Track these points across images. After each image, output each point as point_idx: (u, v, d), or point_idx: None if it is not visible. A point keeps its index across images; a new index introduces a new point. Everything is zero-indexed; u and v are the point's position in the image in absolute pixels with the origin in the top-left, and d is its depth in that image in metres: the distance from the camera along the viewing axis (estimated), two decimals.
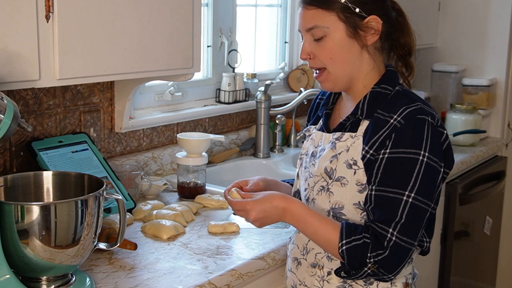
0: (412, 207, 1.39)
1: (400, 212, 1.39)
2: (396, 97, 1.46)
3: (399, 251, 1.39)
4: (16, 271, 1.34)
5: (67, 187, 1.50)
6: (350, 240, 1.41)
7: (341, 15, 1.45)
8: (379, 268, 1.40)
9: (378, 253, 1.39)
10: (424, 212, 1.41)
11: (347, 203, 1.47)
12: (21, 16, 1.44)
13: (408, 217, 1.39)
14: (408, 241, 1.39)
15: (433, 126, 1.41)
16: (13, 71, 1.44)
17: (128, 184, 1.98)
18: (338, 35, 1.46)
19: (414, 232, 1.41)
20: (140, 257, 1.61)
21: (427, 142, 1.39)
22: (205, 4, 2.48)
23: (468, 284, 3.06)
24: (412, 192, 1.38)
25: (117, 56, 1.67)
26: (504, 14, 3.19)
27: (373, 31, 1.47)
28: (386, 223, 1.39)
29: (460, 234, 2.84)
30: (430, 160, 1.39)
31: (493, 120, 3.30)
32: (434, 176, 1.41)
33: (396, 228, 1.39)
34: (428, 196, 1.41)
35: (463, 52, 3.33)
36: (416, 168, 1.39)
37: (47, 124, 1.91)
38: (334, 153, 1.50)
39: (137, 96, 2.23)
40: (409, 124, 1.40)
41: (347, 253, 1.42)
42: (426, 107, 1.44)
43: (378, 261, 1.39)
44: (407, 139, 1.40)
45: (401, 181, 1.39)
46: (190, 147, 2.09)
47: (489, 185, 3.03)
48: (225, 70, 2.58)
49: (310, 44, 1.50)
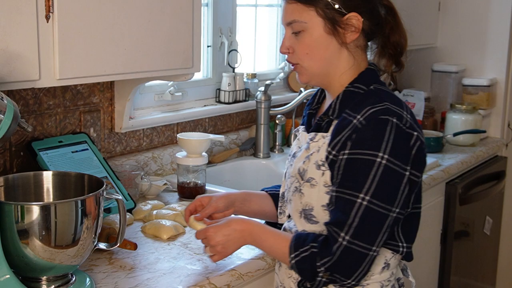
0: (367, 210, 1.34)
1: (353, 214, 1.34)
2: (366, 97, 1.42)
3: (350, 254, 1.35)
4: (16, 271, 1.34)
5: (67, 187, 1.50)
6: (298, 253, 1.40)
7: (320, 11, 1.42)
8: (333, 274, 1.37)
9: (326, 260, 1.36)
10: (382, 216, 1.35)
11: (316, 204, 1.45)
12: (21, 16, 1.44)
13: (361, 220, 1.34)
14: (361, 244, 1.35)
15: (398, 128, 1.36)
16: (13, 71, 1.44)
17: (128, 184, 1.98)
18: (316, 31, 1.43)
19: (369, 237, 1.35)
20: (140, 257, 1.61)
21: (388, 144, 1.34)
22: (205, 4, 2.48)
23: (468, 284, 3.05)
24: (367, 195, 1.34)
25: (117, 56, 1.67)
26: (504, 14, 3.18)
27: (353, 28, 1.43)
28: (339, 225, 1.36)
29: (460, 234, 2.84)
30: (390, 162, 1.34)
31: (493, 120, 3.29)
32: (394, 179, 1.36)
33: (349, 231, 1.35)
34: (387, 200, 1.35)
35: (463, 52, 3.32)
36: (372, 170, 1.34)
37: (47, 124, 1.91)
38: (307, 153, 1.48)
39: (137, 96, 2.23)
40: (369, 124, 1.36)
41: (297, 266, 1.40)
42: (394, 107, 1.39)
43: (329, 267, 1.36)
44: (366, 140, 1.35)
45: (357, 183, 1.35)
46: (190, 147, 2.09)
47: (489, 185, 3.03)
48: (225, 70, 2.58)
49: (289, 39, 1.48)
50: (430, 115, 3.22)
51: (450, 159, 2.80)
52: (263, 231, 1.48)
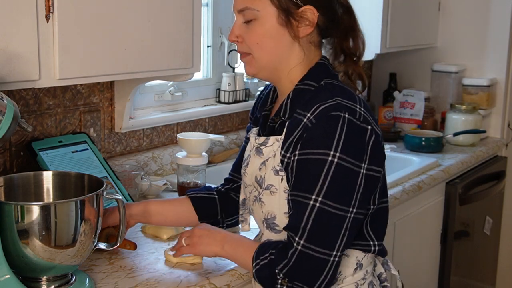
0: (320, 212, 1.27)
1: (306, 217, 1.28)
2: (316, 94, 1.35)
3: (307, 261, 1.29)
4: (16, 271, 1.34)
5: (67, 187, 1.50)
6: (259, 261, 1.35)
7: (274, 0, 1.36)
8: (293, 282, 1.30)
9: (283, 266, 1.31)
10: (338, 218, 1.28)
11: (278, 212, 1.40)
12: (21, 16, 1.44)
13: (314, 223, 1.27)
14: (318, 250, 1.28)
15: (350, 123, 1.28)
16: (13, 71, 1.44)
17: (128, 184, 1.98)
18: (269, 21, 1.37)
19: (326, 241, 1.28)
20: (140, 257, 1.61)
21: (340, 141, 1.27)
22: (205, 4, 2.48)
23: (468, 284, 3.05)
24: (319, 196, 1.27)
25: (117, 56, 1.67)
26: (504, 14, 3.18)
27: (308, 22, 1.37)
28: (294, 229, 1.30)
29: (460, 234, 2.84)
30: (342, 160, 1.27)
31: (493, 120, 3.29)
32: (348, 178, 1.28)
33: (303, 236, 1.28)
34: (341, 201, 1.28)
35: (463, 52, 3.32)
36: (324, 169, 1.27)
37: (47, 124, 1.91)
38: (262, 159, 1.42)
39: (137, 96, 2.23)
40: (319, 122, 1.29)
41: (257, 275, 1.36)
42: (345, 102, 1.30)
43: (286, 273, 1.30)
44: (316, 138, 1.29)
45: (308, 184, 1.28)
46: (190, 147, 2.09)
47: (489, 185, 3.03)
48: (225, 70, 2.58)
49: (240, 27, 1.42)
50: (430, 115, 3.22)
51: (450, 159, 2.80)
52: (237, 240, 1.45)
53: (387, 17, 2.80)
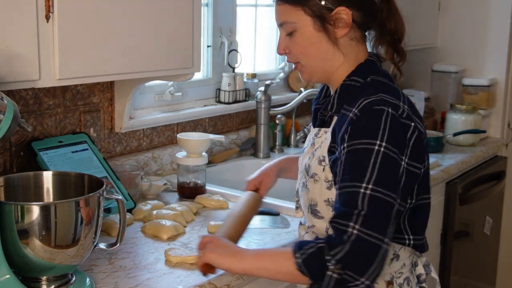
0: (372, 198, 1.28)
1: (360, 204, 1.28)
2: (362, 89, 1.40)
3: (363, 245, 1.27)
4: (16, 271, 1.34)
5: (67, 187, 1.50)
6: (303, 251, 1.31)
7: (307, 10, 1.41)
8: (344, 270, 1.27)
9: (338, 251, 1.27)
10: (388, 205, 1.30)
11: (319, 200, 1.44)
12: (21, 16, 1.44)
13: (369, 208, 1.28)
14: (373, 235, 1.27)
15: (393, 117, 1.32)
16: (13, 71, 1.44)
17: (128, 184, 1.98)
18: (306, 30, 1.42)
19: (379, 226, 1.29)
20: (140, 257, 1.61)
21: (384, 132, 1.30)
22: (205, 4, 2.48)
23: (468, 284, 3.05)
24: (370, 183, 1.29)
25: (117, 56, 1.67)
26: (504, 14, 3.18)
27: (343, 22, 1.41)
28: (346, 217, 1.29)
29: (460, 234, 2.84)
30: (388, 150, 1.30)
31: (493, 120, 3.29)
32: (394, 167, 1.31)
33: (358, 220, 1.28)
34: (390, 188, 1.30)
35: (463, 52, 3.32)
36: (372, 158, 1.29)
37: (47, 124, 1.91)
38: (313, 149, 1.49)
39: (137, 96, 2.23)
40: (364, 115, 1.33)
41: (304, 263, 1.30)
42: (389, 98, 1.35)
43: (340, 259, 1.27)
44: (361, 130, 1.32)
45: (357, 173, 1.30)
46: (190, 147, 2.09)
47: (489, 185, 3.03)
48: (225, 70, 2.58)
49: (284, 40, 1.47)
50: (430, 115, 3.22)
51: (450, 159, 2.80)
52: (260, 250, 1.47)
53: None
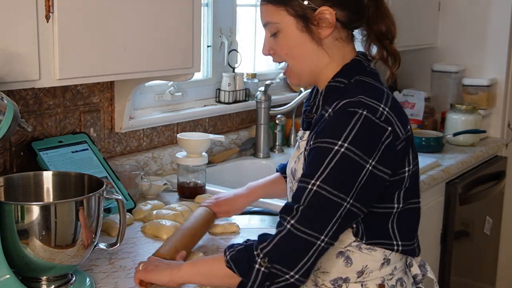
0: (316, 195, 1.28)
1: (303, 200, 1.28)
2: (346, 90, 1.37)
3: (292, 240, 1.27)
4: (16, 271, 1.34)
5: (67, 187, 1.50)
6: (233, 249, 1.34)
7: (290, 10, 1.38)
8: (272, 263, 1.27)
9: (266, 244, 1.29)
10: (333, 204, 1.27)
11: None
12: (21, 16, 1.44)
13: (309, 205, 1.28)
14: (306, 231, 1.27)
15: (367, 119, 1.29)
16: (13, 71, 1.44)
17: (128, 184, 1.98)
18: (290, 30, 1.40)
19: (316, 223, 1.28)
20: (140, 257, 1.60)
21: (350, 133, 1.28)
22: (205, 4, 2.48)
23: (468, 284, 3.05)
24: (318, 181, 1.28)
25: (117, 56, 1.67)
26: (504, 14, 3.18)
27: (327, 22, 1.38)
28: (288, 211, 1.30)
29: (460, 234, 2.84)
30: (349, 151, 1.27)
31: (493, 120, 3.29)
32: (352, 169, 1.28)
33: (295, 215, 1.28)
34: (340, 188, 1.27)
35: (463, 52, 3.32)
36: (328, 157, 1.28)
37: (47, 124, 1.91)
38: (298, 153, 1.48)
39: (137, 96, 2.23)
40: (335, 115, 1.31)
41: (232, 259, 1.32)
42: (368, 100, 1.31)
43: (267, 252, 1.28)
44: (328, 129, 1.31)
45: (311, 170, 1.30)
46: (190, 147, 2.09)
47: (489, 185, 3.03)
48: (225, 70, 2.58)
49: (269, 40, 1.45)
50: (430, 115, 3.22)
51: (450, 159, 2.80)
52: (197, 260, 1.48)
53: None
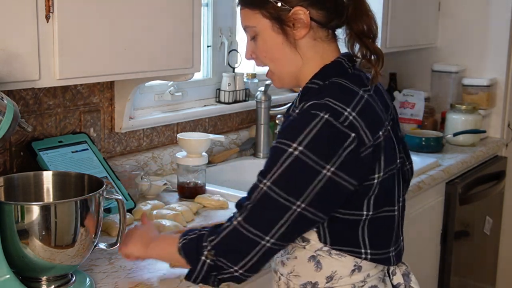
0: (265, 195, 1.28)
1: (253, 198, 1.30)
2: (319, 92, 1.34)
3: (237, 237, 1.31)
4: (16, 271, 1.34)
5: (67, 187, 1.50)
6: (186, 237, 1.39)
7: (265, 12, 1.37)
8: (217, 257, 1.32)
9: (214, 237, 1.33)
10: (281, 207, 1.27)
11: None
12: (21, 16, 1.44)
13: (257, 204, 1.29)
14: (251, 230, 1.29)
15: (328, 124, 1.26)
16: (13, 71, 1.44)
17: (128, 184, 1.98)
18: (266, 33, 1.38)
19: (262, 224, 1.29)
20: None
21: (307, 136, 1.25)
22: (205, 4, 2.48)
23: (468, 284, 3.05)
24: (269, 181, 1.28)
25: (117, 56, 1.67)
26: (504, 14, 3.18)
27: (302, 23, 1.36)
28: (238, 207, 1.33)
29: (460, 234, 2.84)
30: (303, 154, 1.25)
31: (493, 120, 3.29)
32: (304, 172, 1.26)
33: (243, 213, 1.30)
34: (289, 191, 1.27)
35: (463, 52, 3.32)
36: (281, 158, 1.27)
37: (47, 124, 1.91)
38: None
39: (137, 96, 2.23)
40: (297, 116, 1.29)
41: (183, 247, 1.38)
42: (334, 103, 1.28)
43: (214, 246, 1.33)
44: (286, 130, 1.29)
45: (265, 169, 1.30)
46: (190, 147, 2.09)
47: (489, 185, 3.03)
48: (225, 70, 2.57)
49: (250, 44, 1.44)
50: (430, 115, 3.22)
51: (450, 159, 2.80)
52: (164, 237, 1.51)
53: (387, 17, 2.80)
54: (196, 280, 1.39)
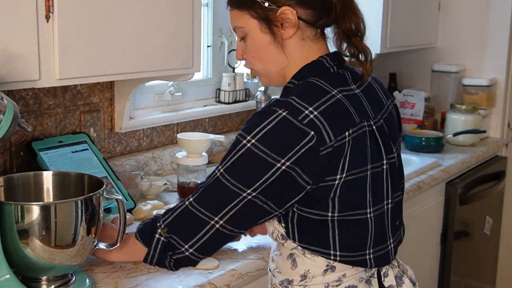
0: (217, 180, 1.34)
1: (206, 182, 1.37)
2: (293, 91, 1.35)
3: (188, 216, 1.38)
4: (16, 271, 1.34)
5: (67, 187, 1.50)
6: (142, 223, 1.49)
7: (252, 13, 1.38)
8: (170, 234, 1.40)
9: (168, 216, 1.41)
10: (230, 192, 1.32)
11: None
12: (21, 16, 1.44)
13: (208, 188, 1.36)
14: (201, 210, 1.36)
15: (285, 120, 1.28)
16: (13, 71, 1.44)
17: (128, 184, 1.98)
18: (255, 33, 1.40)
19: (211, 206, 1.35)
20: None
21: (261, 130, 1.29)
22: (205, 4, 2.48)
23: (468, 284, 3.06)
24: (222, 168, 1.34)
25: (117, 56, 1.67)
26: (504, 14, 3.18)
27: (289, 23, 1.36)
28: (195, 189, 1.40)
29: (460, 234, 2.84)
30: (255, 147, 1.29)
31: (493, 120, 3.29)
32: (257, 164, 1.29)
33: (195, 195, 1.38)
34: (239, 179, 1.31)
35: (463, 52, 3.32)
36: (235, 149, 1.32)
37: (47, 124, 1.91)
38: None
39: (137, 96, 2.23)
40: (259, 112, 1.33)
41: (138, 230, 1.47)
42: (296, 102, 1.29)
43: (167, 223, 1.41)
44: (247, 123, 1.33)
45: (223, 157, 1.36)
46: (190, 147, 2.09)
47: (489, 185, 3.03)
48: (225, 70, 2.58)
49: (240, 45, 1.45)
50: (430, 115, 3.22)
51: (450, 159, 2.80)
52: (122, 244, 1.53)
53: (387, 17, 2.80)
54: (153, 260, 1.44)
